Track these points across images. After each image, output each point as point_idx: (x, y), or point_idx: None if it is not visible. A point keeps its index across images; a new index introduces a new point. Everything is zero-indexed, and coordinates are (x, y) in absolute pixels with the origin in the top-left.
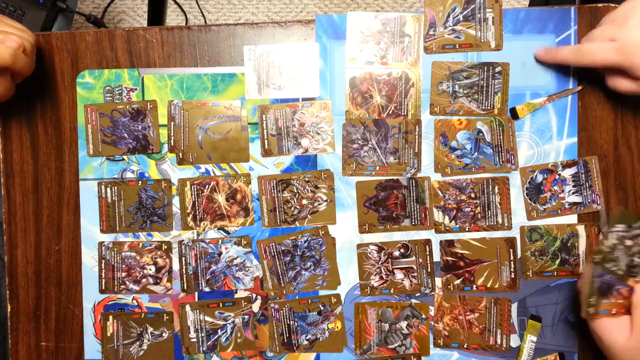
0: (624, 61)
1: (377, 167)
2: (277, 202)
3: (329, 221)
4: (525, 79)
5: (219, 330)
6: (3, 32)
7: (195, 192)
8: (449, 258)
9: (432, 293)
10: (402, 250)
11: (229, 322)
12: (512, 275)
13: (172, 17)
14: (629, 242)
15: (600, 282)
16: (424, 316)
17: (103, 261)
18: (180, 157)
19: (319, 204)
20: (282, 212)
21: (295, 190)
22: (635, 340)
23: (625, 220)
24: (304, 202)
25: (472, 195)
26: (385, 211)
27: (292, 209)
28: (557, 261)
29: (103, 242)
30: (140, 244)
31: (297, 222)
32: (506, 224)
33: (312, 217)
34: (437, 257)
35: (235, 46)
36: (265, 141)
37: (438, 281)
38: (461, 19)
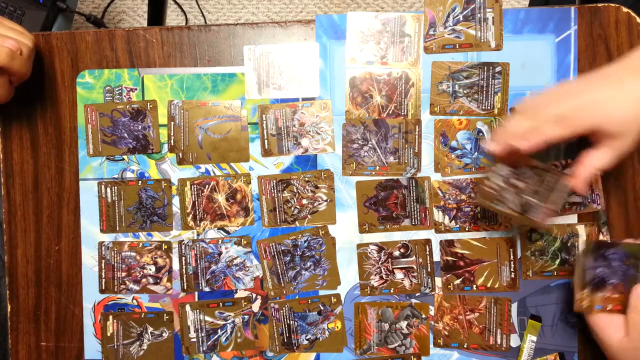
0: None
1: (377, 167)
2: (277, 202)
3: (329, 221)
4: (525, 79)
5: (219, 330)
6: (1, 35)
7: (195, 192)
8: (449, 258)
9: (432, 293)
10: (402, 250)
11: (229, 322)
12: (512, 275)
13: (172, 17)
14: (518, 183)
15: (592, 275)
16: (424, 316)
17: (103, 261)
18: (180, 157)
19: (319, 204)
20: (282, 212)
21: (295, 190)
22: (627, 342)
23: (508, 161)
24: (304, 202)
25: (472, 195)
26: (385, 211)
27: (292, 208)
28: (557, 261)
29: (103, 242)
30: (140, 244)
31: (297, 222)
32: (506, 224)
33: (312, 217)
34: (437, 257)
35: (235, 46)
36: (265, 141)
37: (438, 281)
38: (461, 18)
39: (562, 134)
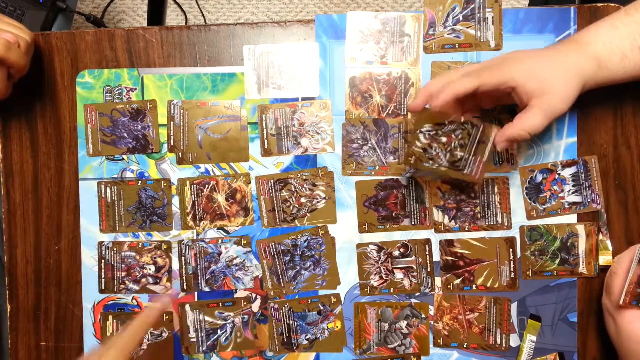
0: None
1: (377, 167)
2: (276, 202)
3: (329, 218)
4: None
5: (219, 330)
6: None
7: (195, 192)
8: (449, 258)
9: (432, 293)
10: (402, 250)
11: (229, 322)
12: (512, 275)
13: (172, 17)
14: (444, 139)
15: None
16: (423, 316)
17: (103, 261)
18: (180, 157)
19: (318, 202)
20: (282, 212)
21: (293, 189)
22: None
23: (431, 120)
24: (303, 200)
25: (472, 195)
26: (385, 211)
27: (291, 208)
28: (557, 261)
29: (103, 242)
30: (140, 244)
31: (296, 221)
32: (506, 224)
33: (311, 215)
34: (437, 257)
35: (235, 46)
36: (265, 141)
37: (438, 281)
38: (461, 18)
39: (470, 86)
